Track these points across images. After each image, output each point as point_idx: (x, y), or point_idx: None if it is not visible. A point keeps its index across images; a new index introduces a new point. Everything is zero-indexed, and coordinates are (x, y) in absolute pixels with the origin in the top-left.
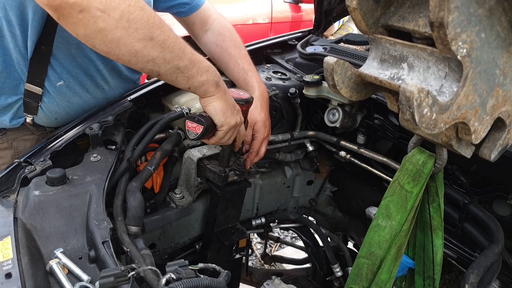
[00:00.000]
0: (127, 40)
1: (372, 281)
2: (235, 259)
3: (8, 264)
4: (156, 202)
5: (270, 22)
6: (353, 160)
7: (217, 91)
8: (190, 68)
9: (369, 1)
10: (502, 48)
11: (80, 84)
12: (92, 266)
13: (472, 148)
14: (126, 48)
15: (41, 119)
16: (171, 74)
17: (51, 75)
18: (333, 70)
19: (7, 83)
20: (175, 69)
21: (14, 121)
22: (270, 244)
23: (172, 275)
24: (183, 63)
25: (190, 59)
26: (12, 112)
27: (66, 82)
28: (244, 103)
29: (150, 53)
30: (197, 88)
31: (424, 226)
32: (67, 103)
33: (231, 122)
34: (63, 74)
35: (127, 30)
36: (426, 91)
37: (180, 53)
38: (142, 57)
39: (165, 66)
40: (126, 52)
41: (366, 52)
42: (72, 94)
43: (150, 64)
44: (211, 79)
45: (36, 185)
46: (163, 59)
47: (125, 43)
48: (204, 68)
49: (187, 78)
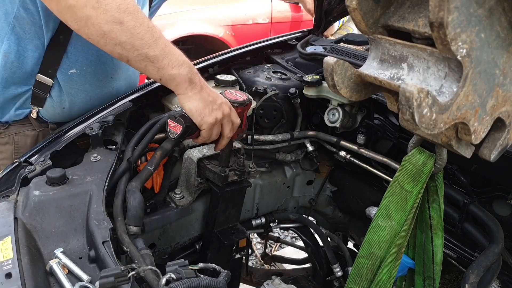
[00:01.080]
0: (95, 20)
1: (372, 281)
2: (235, 259)
3: (8, 264)
4: (156, 202)
5: (270, 22)
6: (353, 160)
7: (191, 88)
8: (161, 59)
9: (369, 1)
10: (502, 48)
11: (92, 72)
12: (92, 266)
13: (472, 148)
14: (94, 27)
15: (47, 111)
16: (139, 62)
17: (64, 63)
18: (333, 70)
19: (18, 73)
20: (144, 57)
21: (18, 111)
22: (270, 244)
23: (172, 275)
24: (153, 52)
25: (162, 50)
26: (19, 102)
27: (78, 70)
28: (239, 105)
29: (118, 37)
30: (168, 81)
31: (424, 226)
32: (76, 91)
33: (209, 120)
34: (77, 62)
35: (96, 10)
36: (426, 91)
37: (151, 42)
38: (110, 39)
39: (133, 53)
40: (95, 32)
41: (366, 52)
42: (82, 81)
43: (118, 48)
44: (183, 74)
45: (36, 185)
46: (131, 45)
47: (93, 23)
48: (178, 62)
49: (157, 69)
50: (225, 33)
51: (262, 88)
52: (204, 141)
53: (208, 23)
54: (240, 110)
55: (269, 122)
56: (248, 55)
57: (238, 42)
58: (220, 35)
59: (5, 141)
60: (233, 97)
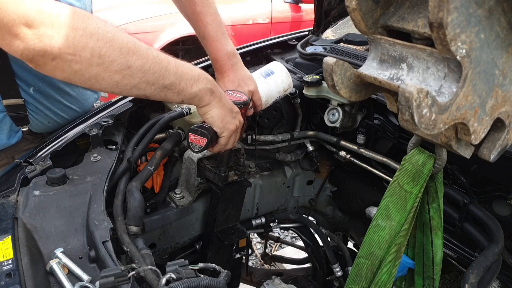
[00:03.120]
0: (104, 74)
1: (372, 281)
2: (235, 259)
3: (8, 264)
4: (156, 202)
5: (270, 22)
6: (353, 160)
7: (213, 98)
8: (178, 84)
9: (368, 1)
10: (502, 48)
11: (49, 83)
12: (92, 266)
13: (472, 149)
14: (105, 82)
15: (36, 125)
16: (159, 94)
17: (21, 84)
18: (333, 71)
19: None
20: (162, 88)
21: (13, 138)
22: (270, 244)
23: (172, 275)
24: (169, 80)
25: (176, 74)
26: (6, 131)
27: (36, 86)
28: (243, 105)
29: (131, 81)
30: (190, 99)
31: (423, 227)
32: (51, 104)
33: (230, 127)
34: (30, 80)
35: (102, 66)
36: (425, 92)
37: (162, 72)
38: (124, 86)
39: (150, 88)
40: (107, 85)
41: (366, 52)
42: (48, 95)
43: (134, 90)
44: (203, 88)
45: (36, 185)
46: (146, 83)
47: (103, 78)
48: (194, 78)
49: (177, 94)
50: None
51: None
52: (220, 150)
53: None
54: (243, 111)
55: (269, 122)
56: (248, 55)
57: (238, 42)
58: None
59: (4, 162)
60: (235, 98)
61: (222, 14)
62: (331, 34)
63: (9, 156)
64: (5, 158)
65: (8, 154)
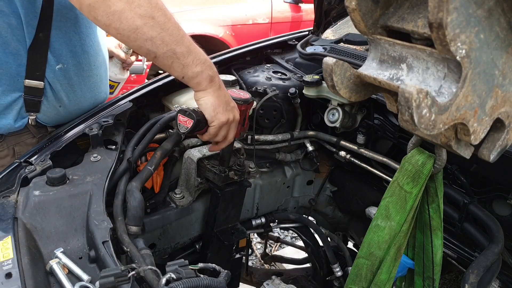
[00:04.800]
0: (128, 14)
1: (372, 281)
2: (235, 259)
3: (8, 264)
4: (156, 202)
5: (270, 22)
6: (353, 160)
7: (210, 85)
8: (187, 56)
9: (368, 1)
10: (501, 48)
11: (77, 64)
12: (92, 266)
13: (471, 149)
14: (127, 22)
15: (45, 114)
16: (167, 58)
17: (50, 59)
18: (332, 71)
19: (4, 80)
20: (172, 53)
21: (18, 122)
22: (270, 244)
23: (172, 275)
24: (180, 49)
25: (188, 47)
26: (14, 113)
27: (65, 64)
28: (243, 102)
29: (150, 32)
30: (190, 78)
31: (423, 227)
32: (67, 87)
33: (221, 118)
34: (62, 56)
35: (130, 4)
36: (425, 92)
37: (179, 38)
38: (142, 34)
39: (162, 48)
40: (127, 27)
41: (366, 52)
42: (70, 75)
43: (148, 43)
44: (205, 72)
45: (36, 185)
46: (162, 40)
47: (126, 17)
48: (201, 60)
49: (182, 66)
50: (225, 33)
51: (262, 88)
52: (209, 139)
53: (208, 23)
54: (244, 108)
55: (269, 122)
56: (248, 55)
57: (238, 42)
58: (220, 35)
59: (5, 153)
60: (236, 95)
61: (222, 14)
62: (331, 34)
63: (10, 147)
64: (6, 149)
65: (9, 144)
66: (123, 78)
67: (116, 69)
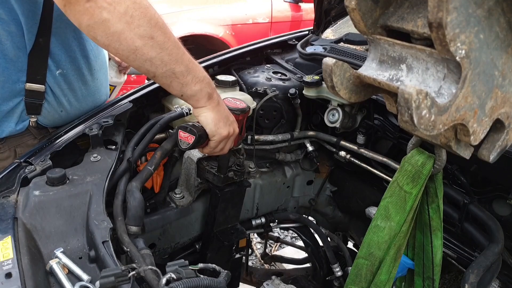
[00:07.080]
0: (128, 34)
1: (371, 281)
2: (235, 259)
3: (8, 264)
4: (156, 202)
5: (270, 22)
6: (353, 160)
7: (209, 102)
8: (186, 75)
9: (368, 1)
10: (501, 49)
11: (77, 69)
12: (92, 266)
13: (471, 149)
14: (126, 42)
15: (45, 117)
16: (166, 78)
17: (50, 65)
18: (332, 72)
19: (6, 87)
20: (171, 73)
21: (19, 125)
22: (270, 244)
23: (172, 275)
24: (179, 68)
25: (187, 66)
26: (15, 116)
27: (65, 69)
28: (240, 112)
29: (149, 52)
30: (189, 96)
31: (423, 227)
32: (68, 91)
33: (222, 132)
34: (62, 62)
35: (129, 25)
36: (424, 93)
37: (178, 57)
38: (141, 55)
39: (161, 68)
40: (126, 47)
41: (366, 52)
42: (71, 80)
43: (147, 64)
44: (204, 90)
45: (36, 185)
46: (161, 60)
47: (126, 38)
48: (199, 78)
49: (181, 85)
50: (225, 33)
51: (262, 89)
52: (209, 152)
53: (208, 23)
54: (241, 118)
55: (269, 122)
56: (248, 55)
57: (238, 42)
58: (220, 35)
59: (6, 155)
60: (233, 105)
61: (222, 14)
62: (331, 33)
63: (11, 149)
64: (8, 151)
65: (11, 146)
66: (119, 81)
67: (112, 72)
